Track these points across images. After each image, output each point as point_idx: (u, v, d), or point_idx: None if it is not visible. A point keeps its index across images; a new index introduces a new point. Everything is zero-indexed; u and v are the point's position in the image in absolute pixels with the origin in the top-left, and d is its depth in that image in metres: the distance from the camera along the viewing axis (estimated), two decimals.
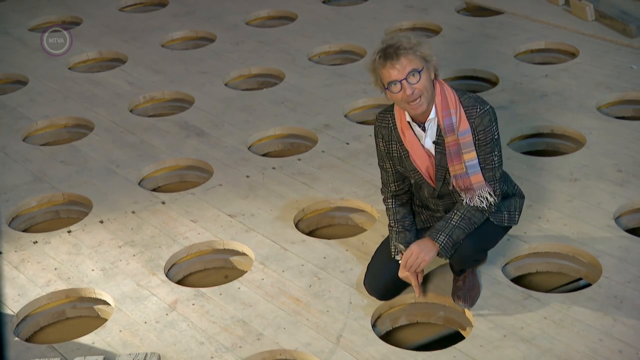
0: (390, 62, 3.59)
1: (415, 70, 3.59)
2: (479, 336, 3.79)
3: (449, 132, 3.72)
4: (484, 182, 3.76)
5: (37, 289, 4.27)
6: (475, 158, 3.73)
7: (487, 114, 3.72)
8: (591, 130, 5.29)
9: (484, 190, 3.76)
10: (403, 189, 3.99)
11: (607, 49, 6.35)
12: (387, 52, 3.61)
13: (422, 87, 3.62)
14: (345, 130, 5.53)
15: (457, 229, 3.75)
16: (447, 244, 3.74)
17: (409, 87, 3.60)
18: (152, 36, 7.14)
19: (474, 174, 3.74)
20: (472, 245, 3.81)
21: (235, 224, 4.66)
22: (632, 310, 3.86)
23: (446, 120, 3.71)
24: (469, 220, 3.76)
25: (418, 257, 3.75)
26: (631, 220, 4.58)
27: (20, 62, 6.83)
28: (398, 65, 3.58)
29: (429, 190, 3.91)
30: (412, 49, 3.60)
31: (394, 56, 3.59)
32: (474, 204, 3.76)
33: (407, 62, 3.59)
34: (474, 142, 3.73)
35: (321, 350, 3.78)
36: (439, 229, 3.76)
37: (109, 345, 3.89)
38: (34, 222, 4.99)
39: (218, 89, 6.21)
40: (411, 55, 3.59)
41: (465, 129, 3.70)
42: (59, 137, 5.87)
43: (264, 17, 7.51)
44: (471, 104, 3.73)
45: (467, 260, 3.87)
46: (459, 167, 3.75)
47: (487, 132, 3.72)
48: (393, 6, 7.39)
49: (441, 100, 3.71)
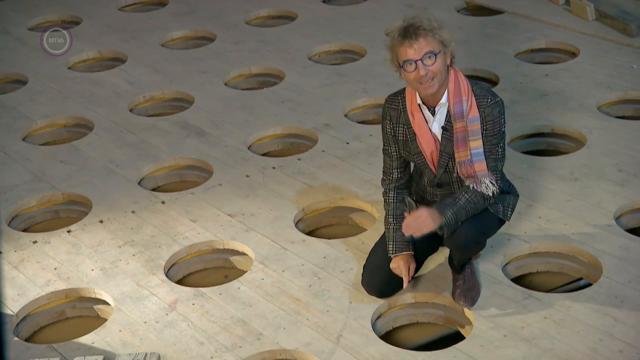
0: (409, 41, 3.62)
1: (431, 53, 3.62)
2: (479, 336, 3.78)
3: (459, 119, 3.74)
4: (487, 170, 3.78)
5: (36, 288, 4.27)
6: (480, 146, 3.76)
7: (497, 105, 3.76)
8: (592, 130, 5.28)
9: (487, 178, 3.77)
10: (405, 177, 4.00)
11: (608, 49, 6.34)
12: (407, 30, 3.64)
13: (436, 70, 3.64)
14: (345, 129, 5.53)
15: (463, 210, 3.76)
16: (451, 220, 3.74)
17: (423, 67, 3.62)
18: (152, 36, 7.13)
19: (478, 162, 3.76)
20: (473, 228, 3.81)
21: (235, 223, 4.66)
22: (633, 310, 3.86)
23: (457, 106, 3.73)
24: (474, 204, 3.78)
25: (425, 220, 3.71)
26: (631, 220, 4.58)
27: (20, 61, 6.82)
28: (416, 45, 3.61)
29: (430, 176, 3.91)
30: (432, 31, 3.63)
31: (412, 35, 3.62)
32: (479, 189, 3.78)
33: (425, 43, 3.62)
34: (482, 131, 3.75)
35: (321, 350, 3.77)
36: (447, 204, 3.76)
37: (108, 345, 3.89)
38: (33, 221, 4.99)
39: (218, 88, 6.20)
40: (430, 37, 3.62)
41: (474, 117, 3.73)
42: (58, 137, 5.86)
43: (264, 17, 7.50)
44: (482, 94, 3.77)
45: (469, 244, 3.85)
46: (464, 154, 3.76)
47: (495, 122, 3.75)
48: (393, 5, 7.38)
49: (454, 86, 3.73)
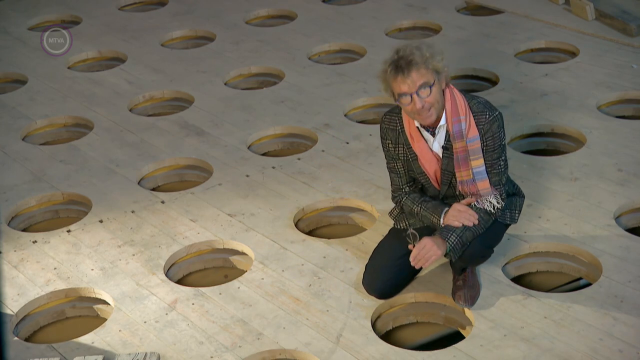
0: (402, 77, 3.57)
1: (426, 85, 3.57)
2: (479, 336, 3.78)
3: (458, 139, 3.71)
4: (490, 187, 3.75)
5: (36, 288, 4.27)
6: (482, 165, 3.73)
7: (496, 119, 3.72)
8: (591, 130, 5.28)
9: (491, 195, 3.76)
10: (415, 189, 3.96)
11: (608, 48, 6.34)
12: (398, 64, 3.57)
13: (432, 100, 3.60)
14: (345, 129, 5.52)
15: (468, 231, 3.74)
16: (456, 245, 3.73)
17: (419, 100, 3.58)
18: (151, 35, 7.13)
19: (480, 180, 3.74)
20: (479, 242, 3.81)
21: (235, 223, 4.66)
22: (633, 309, 3.86)
23: (455, 126, 3.69)
24: (480, 222, 3.76)
25: (431, 249, 3.70)
26: (631, 220, 4.58)
27: (20, 61, 6.82)
28: (409, 80, 3.56)
29: (434, 193, 3.90)
30: (425, 62, 3.57)
31: (405, 70, 3.55)
32: (482, 207, 3.76)
33: (418, 77, 3.56)
34: (482, 148, 3.72)
35: (321, 350, 3.77)
36: (451, 229, 3.74)
37: (108, 344, 3.89)
38: (33, 221, 4.99)
39: (218, 88, 6.20)
40: (423, 70, 3.56)
41: (474, 136, 3.69)
42: (58, 137, 5.86)
43: (263, 16, 7.50)
44: (480, 110, 3.72)
45: (475, 257, 3.87)
46: (465, 174, 3.74)
47: (495, 138, 3.72)
48: (393, 5, 7.37)
49: (451, 106, 3.69)
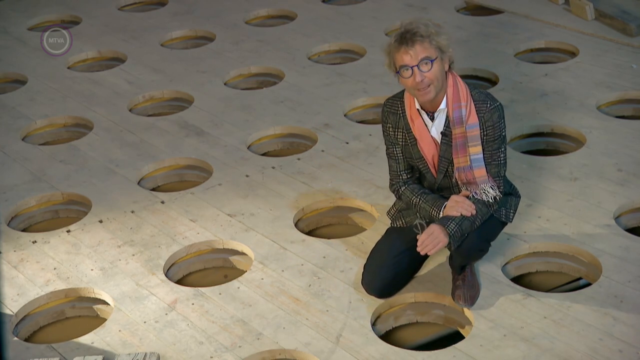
0: (405, 48, 3.62)
1: (428, 59, 3.62)
2: (479, 336, 3.78)
3: (458, 124, 3.73)
4: (486, 176, 3.77)
5: (36, 288, 4.27)
6: (480, 152, 3.74)
7: (496, 109, 3.75)
8: (591, 130, 5.28)
9: (487, 184, 3.76)
10: (413, 177, 3.97)
11: (607, 48, 6.34)
12: (403, 36, 3.64)
13: (432, 76, 3.64)
14: (344, 129, 5.52)
15: (466, 221, 3.74)
16: (456, 233, 3.73)
17: (420, 74, 3.62)
18: (151, 35, 7.13)
19: (477, 167, 3.75)
20: (476, 235, 3.81)
21: (235, 223, 4.66)
22: (632, 309, 3.86)
23: (456, 112, 3.72)
24: (477, 214, 3.76)
25: (438, 236, 3.70)
26: (631, 220, 4.58)
27: (20, 61, 6.82)
28: (411, 52, 3.61)
29: (430, 181, 3.91)
30: (429, 37, 3.63)
31: (409, 42, 3.61)
32: (480, 197, 3.77)
33: (421, 50, 3.61)
34: (482, 137, 3.74)
35: (321, 350, 3.77)
36: (449, 218, 3.75)
37: (108, 345, 3.89)
38: (33, 221, 4.99)
39: (217, 88, 6.20)
40: (427, 43, 3.62)
41: (473, 123, 3.72)
42: (58, 137, 5.86)
43: (263, 16, 7.50)
44: (482, 99, 3.76)
45: (473, 250, 3.87)
46: (463, 160, 3.75)
47: (495, 128, 3.74)
48: (393, 5, 7.37)
49: (453, 92, 3.72)
